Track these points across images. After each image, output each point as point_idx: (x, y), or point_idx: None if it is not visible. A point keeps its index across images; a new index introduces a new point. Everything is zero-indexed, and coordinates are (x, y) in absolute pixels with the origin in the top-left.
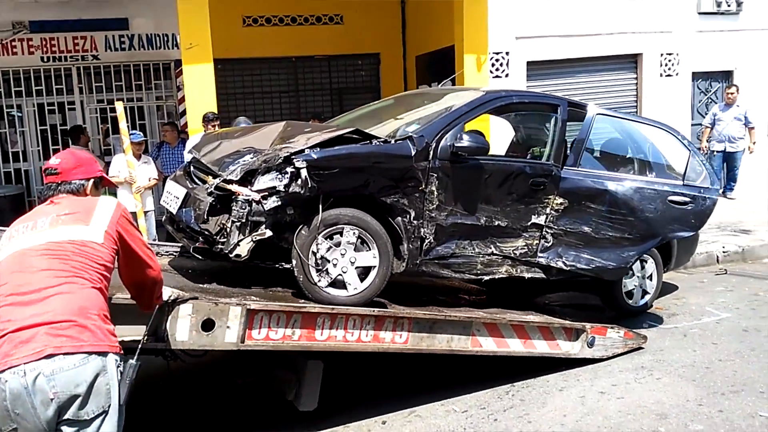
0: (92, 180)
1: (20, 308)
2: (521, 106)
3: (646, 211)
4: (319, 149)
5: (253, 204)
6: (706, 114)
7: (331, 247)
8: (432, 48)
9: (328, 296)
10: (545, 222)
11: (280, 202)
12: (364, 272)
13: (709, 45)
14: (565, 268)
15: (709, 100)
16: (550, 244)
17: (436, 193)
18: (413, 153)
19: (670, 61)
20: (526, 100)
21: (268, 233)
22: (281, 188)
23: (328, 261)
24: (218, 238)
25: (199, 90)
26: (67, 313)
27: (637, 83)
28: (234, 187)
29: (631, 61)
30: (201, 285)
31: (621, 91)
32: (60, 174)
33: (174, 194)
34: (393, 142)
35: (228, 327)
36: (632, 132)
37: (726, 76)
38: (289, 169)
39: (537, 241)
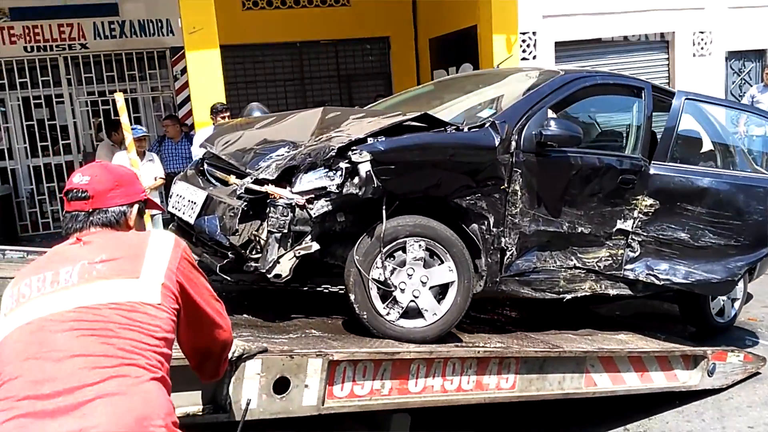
0: (136, 205)
1: (40, 423)
2: (604, 88)
3: (755, 213)
4: (384, 138)
5: (296, 209)
6: (741, 96)
7: (395, 268)
8: (448, 30)
9: (403, 330)
10: (632, 227)
11: (330, 207)
12: (440, 291)
13: (741, 22)
14: (657, 282)
15: (743, 81)
16: (637, 253)
17: (519, 193)
18: (497, 143)
19: (702, 39)
20: (610, 82)
21: (315, 246)
22: (333, 188)
23: (395, 286)
24: (250, 253)
25: (205, 78)
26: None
27: (669, 64)
28: (270, 188)
29: (663, 41)
30: (236, 317)
31: (652, 72)
32: (92, 198)
33: (188, 198)
34: (467, 130)
35: (306, 386)
36: (723, 120)
37: (760, 55)
38: (342, 165)
39: (622, 251)
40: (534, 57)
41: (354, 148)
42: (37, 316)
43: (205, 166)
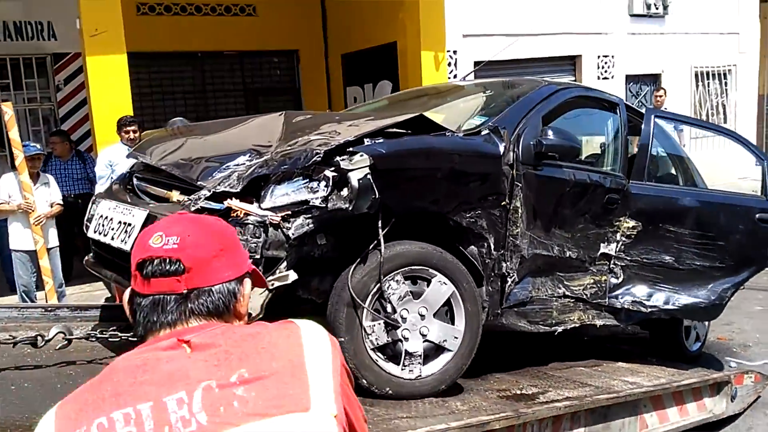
0: (248, 280)
1: None
2: (583, 101)
3: (737, 233)
4: (383, 140)
5: (270, 229)
6: None
7: (393, 307)
8: (363, 45)
9: (437, 377)
10: (615, 251)
11: (311, 225)
12: (446, 312)
13: (639, 48)
14: (644, 310)
15: (640, 104)
16: (620, 279)
17: (520, 211)
18: (502, 151)
19: (606, 63)
20: (590, 95)
21: (292, 276)
22: (316, 202)
23: (404, 338)
24: None
25: (107, 87)
26: None
27: None
28: (235, 203)
29: (570, 63)
30: None
31: None
32: (189, 272)
33: (120, 219)
34: (461, 136)
35: None
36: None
37: (654, 79)
38: (328, 173)
39: (605, 277)
40: (455, 76)
41: (354, 150)
42: None
43: (135, 180)
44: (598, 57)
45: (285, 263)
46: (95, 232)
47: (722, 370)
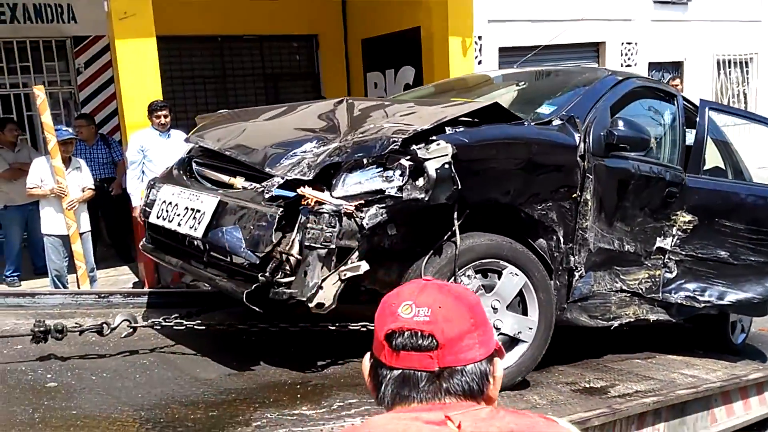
0: (498, 360)
1: None
2: (645, 91)
3: None
4: (463, 129)
5: (344, 219)
6: None
7: (475, 291)
8: (384, 31)
9: (513, 370)
10: (671, 246)
11: (385, 215)
12: (519, 303)
13: (662, 35)
14: (697, 305)
15: None
16: (673, 274)
17: (589, 204)
18: (577, 142)
19: (629, 50)
20: (650, 85)
21: (364, 267)
22: (392, 192)
23: None
24: (276, 275)
25: (137, 72)
26: None
27: None
28: (308, 192)
29: (594, 50)
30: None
31: None
32: (442, 349)
33: (186, 205)
34: (536, 126)
35: None
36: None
37: (676, 66)
38: (404, 162)
39: (659, 272)
40: (480, 62)
41: (419, 142)
42: None
43: (194, 165)
44: (622, 44)
45: (357, 253)
46: (158, 217)
47: (766, 361)
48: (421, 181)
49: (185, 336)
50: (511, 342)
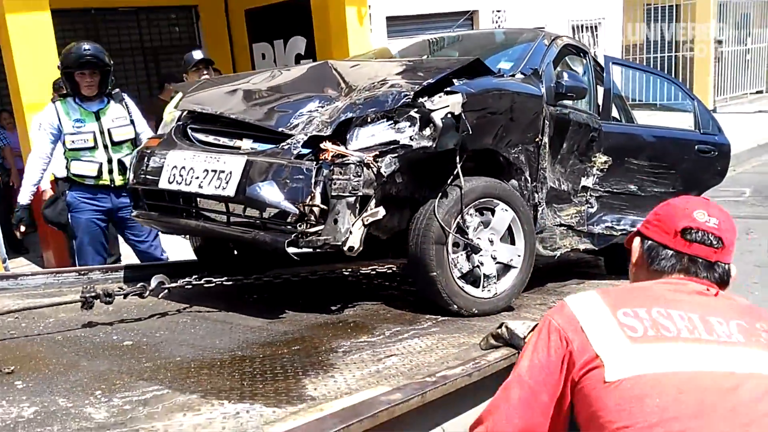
0: (730, 266)
1: None
2: (570, 49)
3: (684, 162)
4: (465, 80)
5: (364, 169)
6: None
7: (476, 227)
8: (269, 1)
9: (507, 293)
10: (592, 184)
11: (398, 164)
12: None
13: (527, 2)
14: (615, 234)
15: None
16: (595, 209)
17: (547, 146)
18: (543, 92)
19: (500, 17)
20: (572, 43)
21: (382, 212)
22: (405, 141)
23: (480, 263)
24: (307, 225)
25: (33, 49)
26: None
27: None
28: (330, 146)
29: (469, 18)
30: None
31: None
32: (721, 250)
33: (206, 168)
34: (509, 78)
35: None
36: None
37: None
38: (414, 113)
39: (584, 207)
40: (371, 31)
41: (450, 89)
42: (701, 368)
43: (189, 131)
44: (493, 12)
45: (374, 200)
46: (170, 182)
47: None
48: (428, 131)
49: (202, 297)
50: (505, 268)
